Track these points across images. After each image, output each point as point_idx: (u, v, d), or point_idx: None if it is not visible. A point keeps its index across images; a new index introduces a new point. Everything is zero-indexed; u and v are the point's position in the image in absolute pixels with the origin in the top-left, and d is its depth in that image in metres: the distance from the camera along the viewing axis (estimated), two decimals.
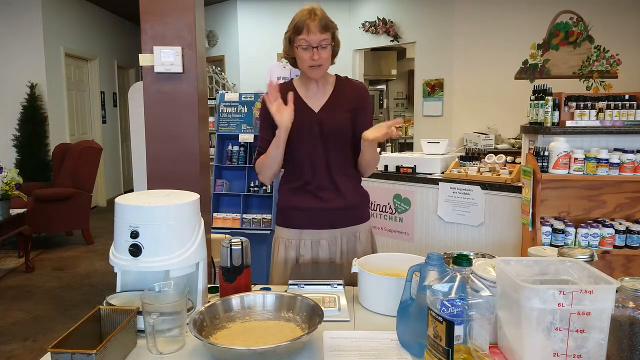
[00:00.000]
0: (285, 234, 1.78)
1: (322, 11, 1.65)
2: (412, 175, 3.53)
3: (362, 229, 1.79)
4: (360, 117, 1.74)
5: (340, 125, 1.70)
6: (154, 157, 2.13)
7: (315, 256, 1.74)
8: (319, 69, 1.66)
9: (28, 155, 5.90)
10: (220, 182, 3.95)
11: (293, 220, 1.76)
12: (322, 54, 1.63)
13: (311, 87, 1.75)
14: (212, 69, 6.64)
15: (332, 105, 1.73)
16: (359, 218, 1.79)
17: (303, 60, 1.65)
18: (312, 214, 1.73)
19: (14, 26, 5.98)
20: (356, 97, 1.75)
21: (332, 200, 1.73)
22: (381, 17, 6.53)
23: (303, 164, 1.73)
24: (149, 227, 1.18)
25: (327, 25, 1.62)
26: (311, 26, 1.60)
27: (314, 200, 1.73)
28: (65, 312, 3.58)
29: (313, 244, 1.74)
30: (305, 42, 1.61)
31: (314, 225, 1.74)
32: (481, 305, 0.92)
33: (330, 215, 1.73)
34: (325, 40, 1.62)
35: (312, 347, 1.12)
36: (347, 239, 1.76)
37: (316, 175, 1.72)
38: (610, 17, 5.33)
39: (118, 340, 1.04)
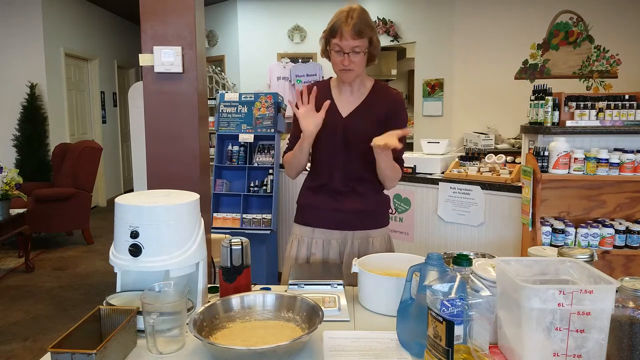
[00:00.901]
0: (299, 231, 1.79)
1: (360, 14, 1.59)
2: (412, 175, 3.53)
3: (376, 235, 1.75)
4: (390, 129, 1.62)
5: (365, 133, 1.62)
6: (154, 157, 2.13)
7: (325, 256, 1.74)
8: (349, 73, 1.63)
9: (28, 155, 5.90)
10: (220, 182, 3.95)
11: (306, 218, 1.77)
12: (354, 59, 1.59)
13: (345, 90, 1.72)
14: (212, 69, 6.65)
15: (361, 112, 1.69)
16: (372, 223, 1.76)
17: (335, 64, 1.63)
18: (324, 213, 1.73)
19: (14, 26, 5.97)
20: (389, 107, 1.69)
21: (347, 202, 1.71)
22: (381, 17, 6.53)
23: (322, 166, 1.72)
24: (149, 227, 1.18)
25: (361, 31, 1.57)
26: (345, 31, 1.56)
27: (329, 200, 1.73)
28: (65, 312, 3.58)
29: (325, 244, 1.74)
30: (337, 47, 1.59)
31: (325, 225, 1.74)
32: (481, 305, 0.92)
33: (342, 216, 1.72)
34: (359, 46, 1.58)
35: (312, 347, 1.12)
36: (359, 242, 1.74)
37: (333, 178, 1.71)
38: (610, 17, 5.33)
39: (118, 340, 1.04)
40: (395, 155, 1.69)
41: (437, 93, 6.09)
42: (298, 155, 1.69)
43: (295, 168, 1.74)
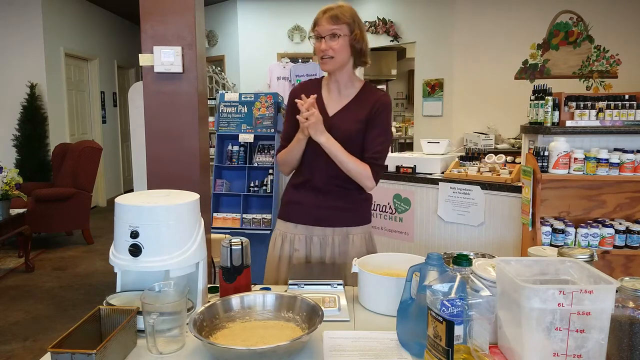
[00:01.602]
0: (282, 227, 1.81)
1: (341, 7, 1.64)
2: (412, 175, 3.53)
3: (356, 232, 1.77)
4: (369, 130, 1.69)
5: (350, 133, 1.67)
6: (154, 157, 2.13)
7: (308, 252, 1.76)
8: (329, 61, 1.64)
9: (28, 155, 5.90)
10: (220, 182, 3.95)
11: (289, 214, 1.80)
12: (331, 44, 1.62)
13: (333, 89, 1.75)
14: (212, 69, 6.64)
15: (347, 112, 1.71)
16: (353, 220, 1.77)
17: (316, 53, 1.67)
18: (305, 209, 1.76)
19: (14, 26, 5.98)
20: (372, 107, 1.69)
21: (328, 199, 1.74)
22: (381, 17, 6.53)
23: (306, 163, 1.75)
24: (149, 227, 1.18)
25: (337, 16, 1.60)
26: (322, 19, 1.63)
27: (310, 197, 1.75)
28: (65, 312, 3.58)
29: (307, 240, 1.76)
30: (316, 33, 1.64)
31: (306, 221, 1.76)
32: (481, 305, 0.92)
33: (322, 213, 1.74)
34: (335, 29, 1.61)
35: (312, 347, 1.12)
36: (339, 239, 1.75)
37: (316, 176, 1.74)
38: (610, 17, 5.33)
39: (118, 340, 1.04)
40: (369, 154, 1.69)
41: (437, 93, 6.09)
42: (295, 152, 1.71)
43: (289, 163, 1.77)
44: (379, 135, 1.69)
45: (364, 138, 1.69)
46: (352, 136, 1.67)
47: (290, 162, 1.76)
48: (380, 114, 1.70)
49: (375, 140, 1.69)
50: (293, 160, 1.75)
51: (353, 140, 1.68)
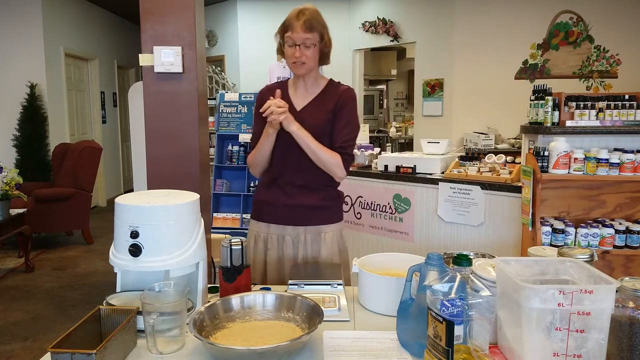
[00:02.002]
0: (256, 227, 1.84)
1: (312, 12, 1.68)
2: (412, 175, 3.53)
3: (327, 230, 1.79)
4: (336, 121, 1.75)
5: (318, 126, 1.73)
6: (154, 157, 2.13)
7: (280, 253, 1.79)
8: (302, 66, 1.71)
9: (28, 155, 5.90)
10: (220, 182, 3.95)
11: (262, 214, 1.83)
12: (306, 52, 1.67)
13: (300, 87, 1.80)
14: (212, 69, 6.64)
15: (313, 107, 1.77)
16: (325, 219, 1.80)
17: (288, 57, 1.71)
18: (278, 209, 1.78)
19: (14, 26, 5.97)
20: (337, 100, 1.76)
21: (299, 197, 1.77)
22: (381, 17, 6.53)
23: (277, 159, 1.77)
24: (149, 227, 1.18)
25: (312, 25, 1.65)
26: (296, 25, 1.64)
27: (282, 195, 1.78)
28: (65, 312, 3.58)
29: (279, 239, 1.79)
30: (290, 40, 1.67)
31: (279, 221, 1.79)
32: (481, 305, 0.92)
33: (295, 212, 1.77)
34: (309, 39, 1.66)
35: (312, 347, 1.12)
36: (311, 238, 1.78)
37: (287, 171, 1.76)
38: (610, 17, 5.33)
39: (118, 340, 1.04)
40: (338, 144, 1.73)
41: (437, 93, 6.09)
42: (264, 145, 1.73)
43: (259, 162, 1.79)
44: (346, 126, 1.75)
45: (332, 130, 1.75)
46: (321, 128, 1.73)
47: (261, 161, 1.78)
48: (346, 106, 1.76)
49: (342, 130, 1.74)
50: (263, 158, 1.77)
51: (322, 131, 1.73)
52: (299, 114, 1.74)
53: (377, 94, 9.28)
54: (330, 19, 1.73)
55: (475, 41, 5.73)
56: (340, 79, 1.91)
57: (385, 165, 3.71)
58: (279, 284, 1.65)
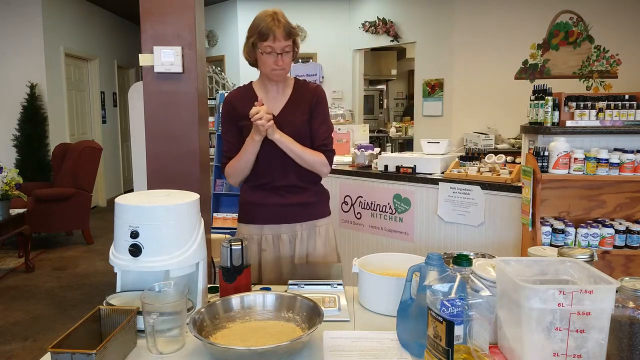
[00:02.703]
0: (247, 231, 1.83)
1: (283, 16, 1.70)
2: (412, 175, 3.53)
3: (321, 224, 1.85)
4: (313, 121, 1.78)
5: (298, 127, 1.75)
6: (154, 157, 2.13)
7: (277, 251, 1.80)
8: (282, 73, 1.72)
9: (28, 155, 5.90)
10: (220, 182, 3.95)
11: (254, 217, 1.82)
12: (286, 59, 1.69)
13: (271, 90, 1.80)
14: (212, 69, 6.64)
15: (290, 109, 1.78)
16: (317, 214, 1.85)
17: (266, 65, 1.70)
18: (272, 209, 1.79)
19: (14, 26, 5.97)
20: (312, 99, 1.79)
21: (291, 197, 1.79)
22: (381, 17, 6.53)
23: (264, 165, 1.77)
24: (149, 227, 1.18)
25: (290, 32, 1.68)
26: (277, 33, 1.64)
27: (274, 196, 1.79)
28: (65, 312, 3.58)
29: (274, 239, 1.80)
30: (269, 48, 1.66)
31: (274, 221, 1.80)
32: (481, 305, 0.92)
33: (290, 210, 1.79)
34: (289, 46, 1.69)
35: (312, 347, 1.12)
36: (307, 233, 1.82)
37: (275, 175, 1.77)
38: (610, 17, 5.33)
39: (118, 340, 1.04)
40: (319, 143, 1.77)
41: (437, 93, 6.09)
42: (250, 156, 1.71)
43: (242, 171, 1.77)
44: (322, 124, 1.80)
45: (310, 129, 1.78)
46: (301, 130, 1.76)
47: (244, 169, 1.76)
48: (320, 104, 1.80)
49: (320, 129, 1.79)
50: (247, 165, 1.74)
51: (302, 133, 1.76)
52: (277, 118, 1.73)
53: (377, 94, 9.28)
54: (330, 19, 1.73)
55: (475, 41, 5.73)
56: (340, 79, 1.93)
57: (385, 165, 3.71)
58: (278, 284, 1.65)
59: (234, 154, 1.76)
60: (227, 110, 1.80)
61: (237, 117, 1.75)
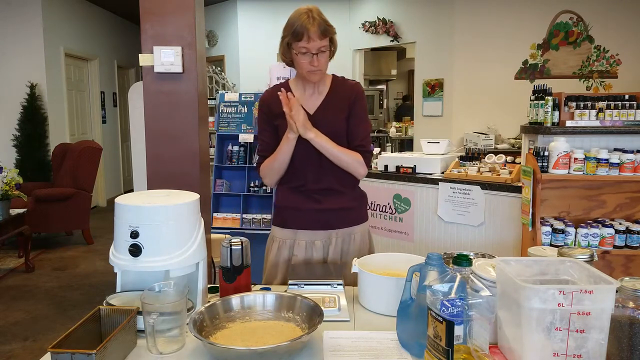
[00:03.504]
0: (280, 234, 1.78)
1: (319, 13, 1.61)
2: (412, 175, 3.53)
3: (357, 230, 1.78)
4: (351, 119, 1.72)
5: (335, 127, 1.69)
6: (153, 157, 2.13)
7: (309, 256, 1.74)
8: (318, 73, 1.66)
9: (28, 155, 5.90)
10: (220, 182, 3.95)
11: (288, 221, 1.77)
12: (321, 59, 1.62)
13: (307, 88, 1.74)
14: (212, 69, 6.64)
15: (326, 107, 1.72)
16: (354, 220, 1.78)
17: (302, 66, 1.64)
18: (307, 215, 1.73)
19: (14, 26, 5.97)
20: (350, 97, 1.72)
21: (327, 201, 1.73)
22: (381, 17, 6.53)
23: (298, 166, 1.72)
24: (149, 227, 1.18)
25: (326, 30, 1.60)
26: (311, 32, 1.57)
27: (309, 201, 1.73)
28: (65, 312, 3.58)
29: (307, 245, 1.74)
30: (304, 49, 1.60)
31: (309, 227, 1.74)
32: (481, 305, 0.92)
33: (325, 216, 1.73)
34: (324, 45, 1.61)
35: (312, 347, 1.12)
36: (342, 240, 1.75)
37: (311, 176, 1.72)
38: (610, 17, 5.33)
39: (118, 340, 1.04)
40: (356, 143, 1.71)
41: (437, 93, 6.09)
42: (285, 156, 1.67)
43: (278, 171, 1.73)
44: (361, 123, 1.73)
45: (347, 128, 1.72)
46: (337, 129, 1.69)
47: (279, 169, 1.71)
48: (358, 103, 1.73)
49: (358, 128, 1.72)
50: (282, 165, 1.70)
51: (339, 131, 1.70)
52: (313, 117, 1.68)
53: (377, 94, 9.28)
54: (331, 19, 1.70)
55: (475, 41, 5.73)
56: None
57: (385, 165, 3.71)
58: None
59: (269, 153, 1.72)
60: (262, 110, 1.75)
61: (272, 116, 1.70)
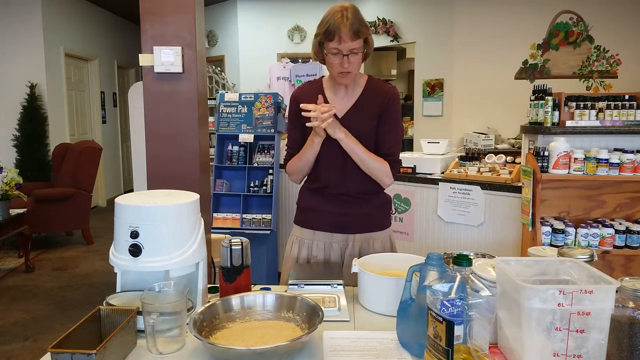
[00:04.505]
0: (300, 233, 1.77)
1: (353, 12, 1.53)
2: (412, 175, 3.53)
3: (377, 237, 1.73)
4: (381, 126, 1.65)
5: (363, 132, 1.63)
6: (154, 157, 2.13)
7: (327, 257, 1.72)
8: (348, 75, 1.60)
9: (28, 155, 5.90)
10: (220, 182, 3.95)
11: (307, 221, 1.76)
12: (353, 61, 1.56)
13: (339, 89, 1.68)
14: (212, 69, 6.64)
15: (356, 111, 1.66)
16: (373, 226, 1.73)
17: (333, 67, 1.59)
18: (325, 216, 1.71)
19: (14, 26, 5.97)
20: (382, 102, 1.66)
21: (348, 205, 1.70)
22: (381, 17, 6.53)
23: (323, 168, 1.69)
24: (149, 227, 1.18)
25: (359, 30, 1.52)
26: (343, 33, 1.50)
27: (330, 203, 1.71)
28: (65, 312, 3.58)
29: (326, 246, 1.73)
30: (335, 50, 1.54)
31: (326, 228, 1.72)
32: (481, 305, 0.92)
33: (344, 219, 1.70)
34: (357, 48, 1.54)
35: (312, 347, 1.12)
36: (360, 245, 1.72)
37: (334, 179, 1.69)
38: (610, 17, 5.33)
39: (118, 340, 1.04)
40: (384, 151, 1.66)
41: (437, 93, 6.09)
42: (309, 156, 1.65)
43: (302, 171, 1.71)
44: (391, 130, 1.66)
45: (377, 134, 1.66)
46: (367, 133, 1.64)
47: (303, 169, 1.70)
48: (391, 108, 1.66)
49: (388, 135, 1.66)
50: (306, 166, 1.69)
51: (367, 136, 1.64)
52: (342, 120, 1.63)
53: None
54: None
55: (475, 41, 5.72)
56: None
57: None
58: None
59: (297, 151, 1.70)
60: (292, 106, 1.70)
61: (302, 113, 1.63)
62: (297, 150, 1.71)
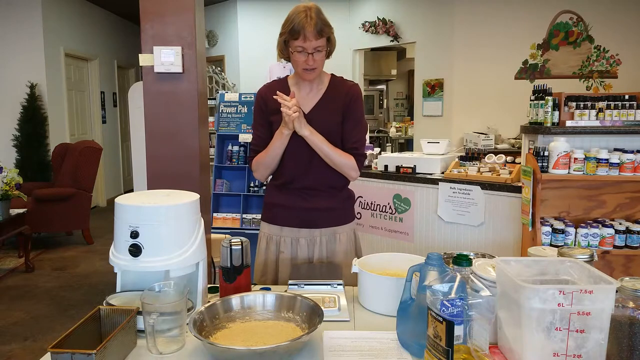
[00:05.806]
0: (267, 230, 1.81)
1: (317, 12, 1.60)
2: (412, 175, 3.53)
3: (342, 231, 1.78)
4: (346, 122, 1.71)
5: (329, 127, 1.69)
6: (154, 157, 2.13)
7: (294, 254, 1.76)
8: (313, 72, 1.66)
9: (28, 155, 5.90)
10: (220, 182, 3.95)
11: (274, 217, 1.80)
12: (317, 58, 1.62)
13: (304, 87, 1.74)
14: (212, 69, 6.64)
15: (322, 107, 1.72)
16: (339, 220, 1.78)
17: (298, 64, 1.65)
18: (291, 212, 1.75)
19: (14, 26, 5.97)
20: (346, 99, 1.72)
21: (313, 200, 1.74)
22: (381, 17, 6.53)
23: (289, 161, 1.73)
24: (149, 227, 1.18)
25: (322, 30, 1.59)
26: (307, 32, 1.57)
27: (295, 199, 1.75)
28: (65, 312, 3.58)
29: (292, 242, 1.76)
30: (300, 48, 1.61)
31: (293, 224, 1.76)
32: (481, 305, 0.92)
33: (310, 215, 1.74)
34: (321, 45, 1.61)
35: (312, 347, 1.12)
36: (326, 239, 1.76)
37: (300, 174, 1.73)
38: (610, 17, 5.33)
39: (118, 340, 1.04)
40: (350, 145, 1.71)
41: (437, 93, 6.09)
42: (278, 150, 1.68)
43: (268, 166, 1.74)
44: (356, 125, 1.73)
45: (342, 130, 1.72)
46: (332, 130, 1.70)
47: (271, 164, 1.73)
48: (354, 104, 1.73)
49: (353, 130, 1.72)
50: (274, 160, 1.72)
51: (333, 133, 1.70)
52: (308, 116, 1.68)
53: (377, 94, 9.28)
54: (330, 19, 1.69)
55: (475, 41, 5.73)
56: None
57: (385, 165, 3.71)
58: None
59: (262, 148, 1.73)
60: (258, 104, 1.76)
61: (268, 111, 1.71)
62: (262, 148, 1.74)
